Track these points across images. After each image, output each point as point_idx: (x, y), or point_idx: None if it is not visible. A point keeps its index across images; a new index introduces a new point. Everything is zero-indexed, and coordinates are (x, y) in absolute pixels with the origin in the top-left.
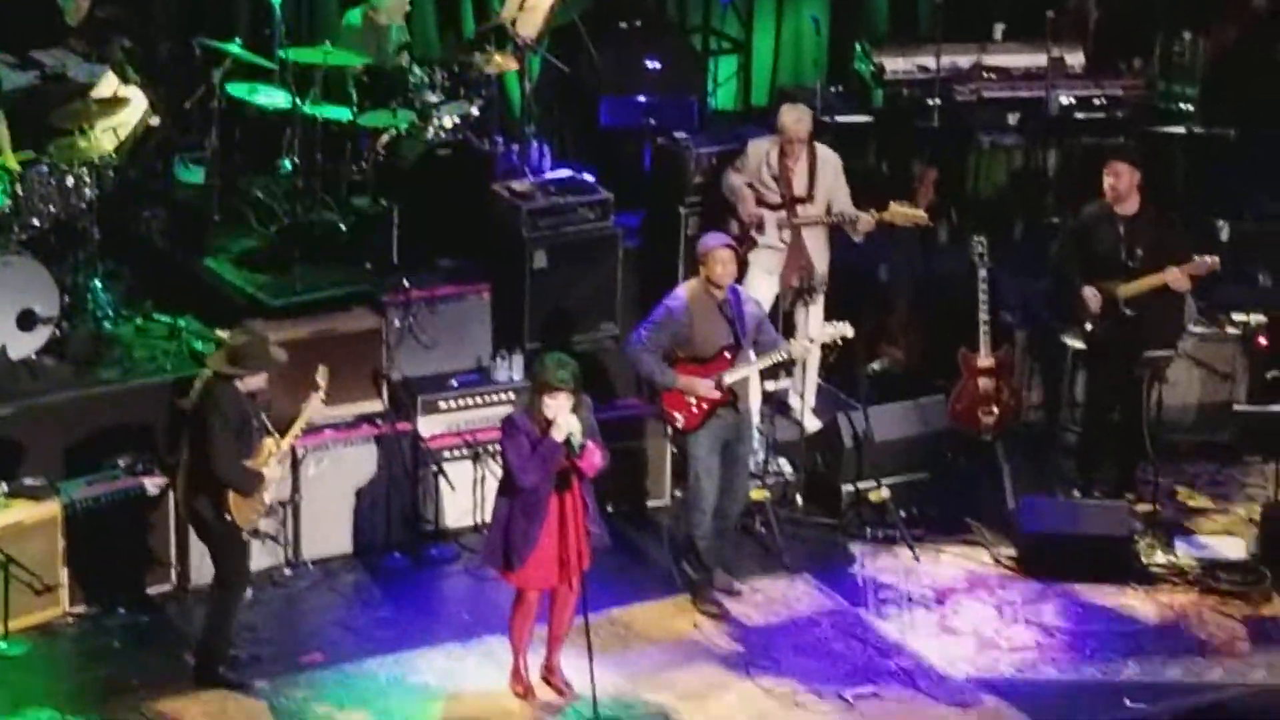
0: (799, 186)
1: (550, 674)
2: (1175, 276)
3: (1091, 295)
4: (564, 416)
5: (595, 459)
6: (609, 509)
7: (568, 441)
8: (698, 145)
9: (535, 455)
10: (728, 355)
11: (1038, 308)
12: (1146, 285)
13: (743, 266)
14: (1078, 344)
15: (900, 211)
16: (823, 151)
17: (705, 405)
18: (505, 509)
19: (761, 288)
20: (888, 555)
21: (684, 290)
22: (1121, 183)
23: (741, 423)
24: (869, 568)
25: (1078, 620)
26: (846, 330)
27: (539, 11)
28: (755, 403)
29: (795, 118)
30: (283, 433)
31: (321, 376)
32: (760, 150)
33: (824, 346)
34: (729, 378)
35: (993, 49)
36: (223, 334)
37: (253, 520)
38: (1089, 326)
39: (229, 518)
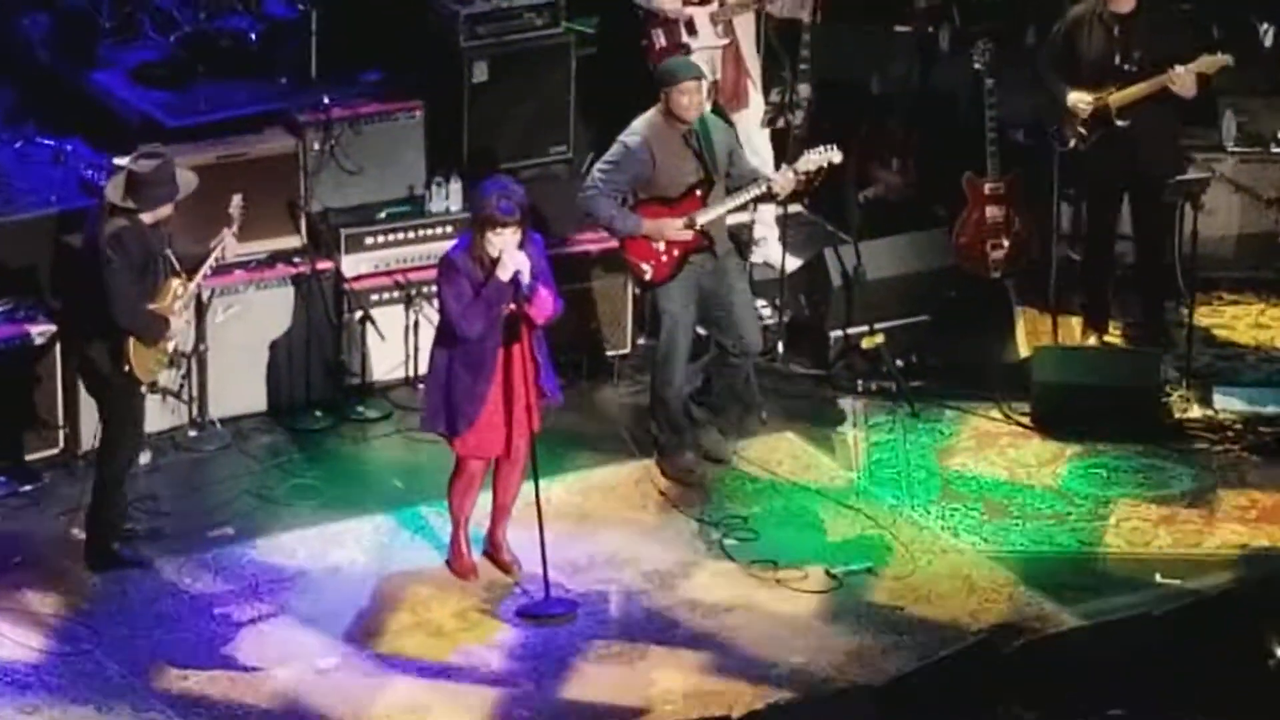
0: None
1: (496, 550)
2: (1177, 75)
3: (1079, 100)
4: (511, 253)
5: (547, 305)
6: (558, 360)
7: (515, 282)
8: None
9: (479, 300)
10: (698, 193)
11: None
12: (1143, 89)
13: None
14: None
15: None
16: None
17: (676, 251)
18: (445, 364)
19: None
20: (882, 411)
21: (642, 124)
22: None
23: (723, 267)
24: (861, 425)
25: (1101, 484)
26: (834, 155)
27: None
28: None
29: None
30: (189, 272)
31: (235, 208)
32: None
33: (808, 175)
34: (701, 218)
35: None
36: (121, 160)
37: (153, 372)
38: (1074, 143)
39: (128, 368)
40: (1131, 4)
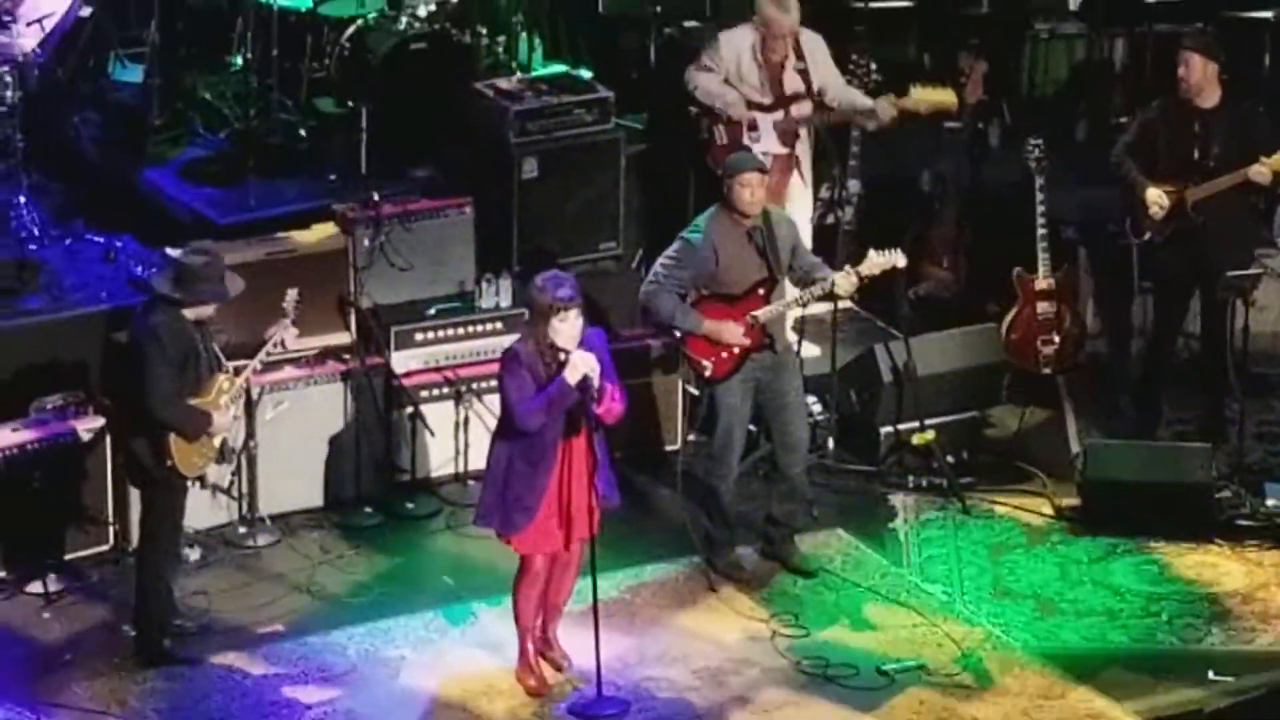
0: (791, 83)
1: (547, 647)
2: (1257, 169)
3: (1156, 198)
4: (579, 352)
5: (616, 404)
6: (615, 456)
7: (585, 385)
8: (711, 37)
9: (542, 394)
10: (761, 291)
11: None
12: (1222, 184)
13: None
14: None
15: (925, 97)
16: (806, 36)
17: (737, 349)
18: (505, 457)
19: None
20: (933, 507)
21: (705, 219)
22: (1193, 75)
23: (781, 363)
24: (912, 522)
25: (1152, 581)
26: (899, 259)
27: None
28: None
29: (782, 8)
30: (237, 368)
31: (290, 302)
32: (738, 44)
33: (870, 277)
34: (763, 316)
35: None
36: (173, 251)
37: (198, 466)
38: (1150, 236)
39: (170, 463)
40: (1216, 99)
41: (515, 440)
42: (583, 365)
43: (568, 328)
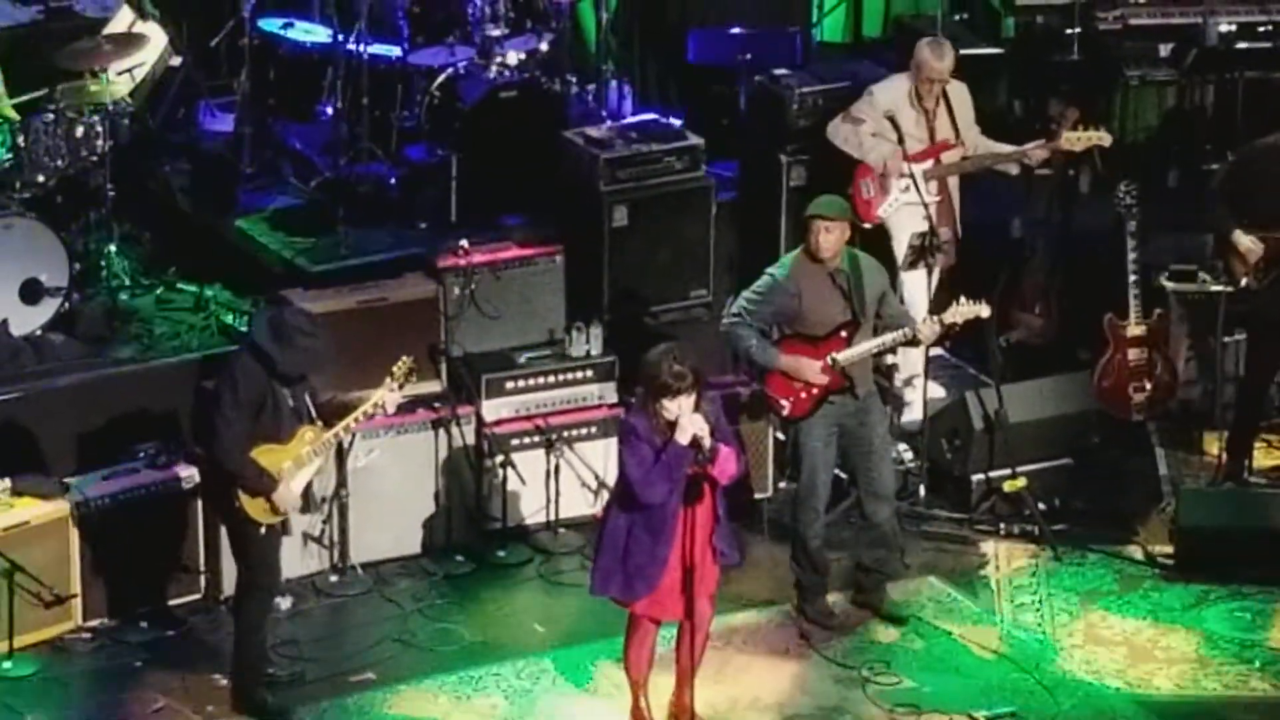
0: (943, 130)
1: (681, 714)
2: None
3: (1251, 244)
4: (688, 416)
5: (730, 464)
6: None
7: (696, 444)
8: (801, 84)
9: (659, 464)
10: (843, 334)
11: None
12: None
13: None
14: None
15: (1078, 136)
16: (953, 85)
17: (815, 389)
18: (623, 527)
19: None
20: (1025, 554)
21: (791, 259)
22: None
23: (864, 408)
24: (1004, 569)
25: (1246, 627)
26: (983, 310)
27: None
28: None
29: (938, 54)
30: (326, 421)
31: (401, 369)
32: (894, 93)
33: (953, 326)
34: (842, 358)
35: None
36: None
37: (270, 516)
38: (1244, 282)
39: (238, 506)
40: None
41: (635, 510)
42: (691, 426)
43: (676, 407)
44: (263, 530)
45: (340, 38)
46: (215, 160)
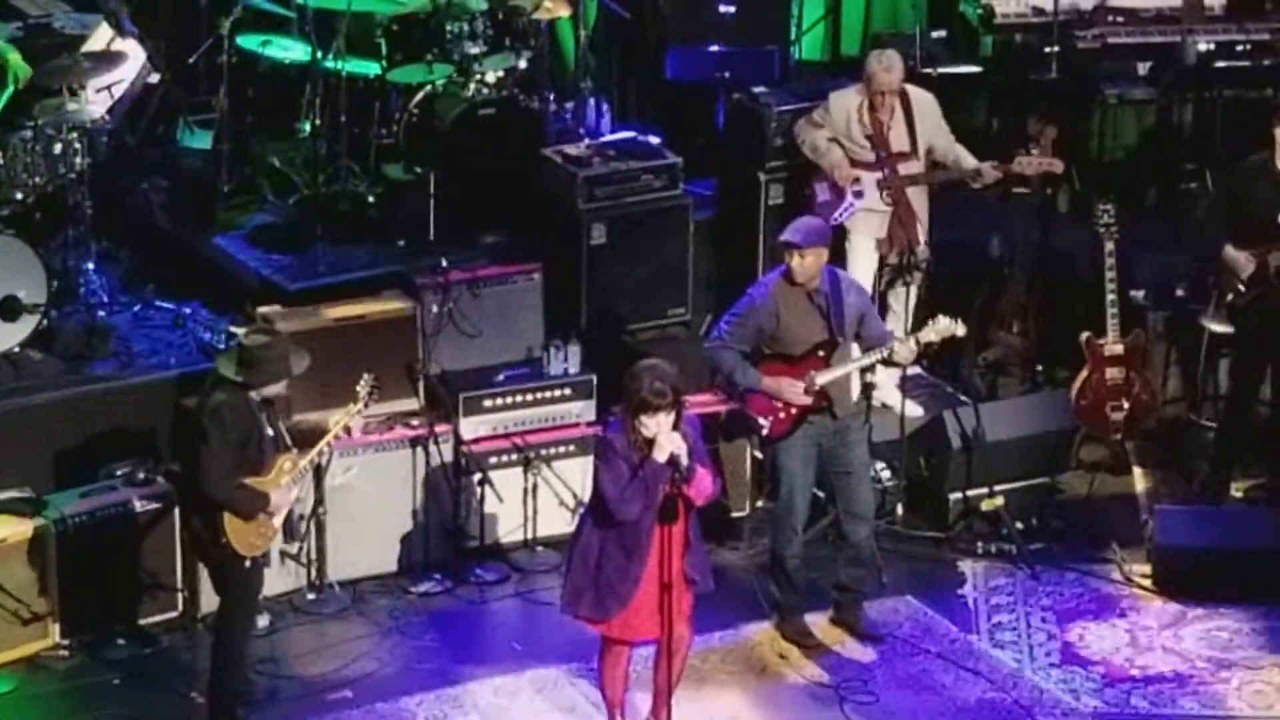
0: (898, 141)
1: None
2: None
3: (1243, 260)
4: (666, 434)
5: (706, 485)
6: None
7: (673, 462)
8: (779, 102)
9: (636, 481)
10: (821, 353)
11: (1173, 285)
12: None
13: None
14: (1217, 326)
15: (1030, 160)
16: (916, 94)
17: (795, 409)
18: (596, 544)
19: (861, 264)
20: (1002, 573)
21: (770, 279)
22: None
23: (844, 428)
24: (981, 588)
25: (1223, 647)
26: (958, 329)
27: None
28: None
29: (885, 66)
30: (301, 447)
31: (364, 388)
32: (846, 103)
33: (929, 345)
34: (821, 379)
35: None
36: (236, 330)
37: (256, 546)
38: (1231, 296)
39: (224, 540)
40: None
41: (609, 528)
42: (669, 444)
43: (655, 424)
44: (247, 564)
45: (319, 55)
46: (194, 177)
